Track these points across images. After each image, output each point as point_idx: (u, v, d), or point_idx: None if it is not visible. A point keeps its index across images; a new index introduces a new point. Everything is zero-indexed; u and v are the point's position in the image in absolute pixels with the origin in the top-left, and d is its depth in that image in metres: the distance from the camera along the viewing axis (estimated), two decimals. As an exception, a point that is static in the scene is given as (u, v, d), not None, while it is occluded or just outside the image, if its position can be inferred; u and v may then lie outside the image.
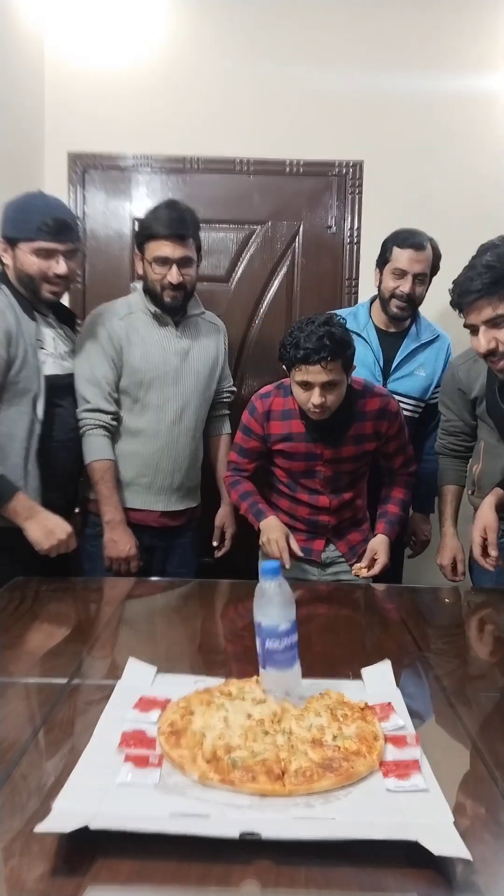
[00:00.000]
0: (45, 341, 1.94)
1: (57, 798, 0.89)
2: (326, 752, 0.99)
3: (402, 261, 2.31)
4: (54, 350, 1.97)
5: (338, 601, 1.85)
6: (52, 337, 1.98)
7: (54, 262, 1.82)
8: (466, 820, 0.88)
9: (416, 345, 2.43)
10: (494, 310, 1.61)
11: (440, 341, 2.47)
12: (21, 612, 1.65)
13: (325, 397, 1.82)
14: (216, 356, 2.31)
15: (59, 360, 1.99)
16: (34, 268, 1.82)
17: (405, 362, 2.42)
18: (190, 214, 2.09)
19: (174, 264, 2.05)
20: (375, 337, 2.42)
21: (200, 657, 1.44)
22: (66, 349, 2.04)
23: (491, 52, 3.03)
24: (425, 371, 2.43)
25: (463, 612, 1.89)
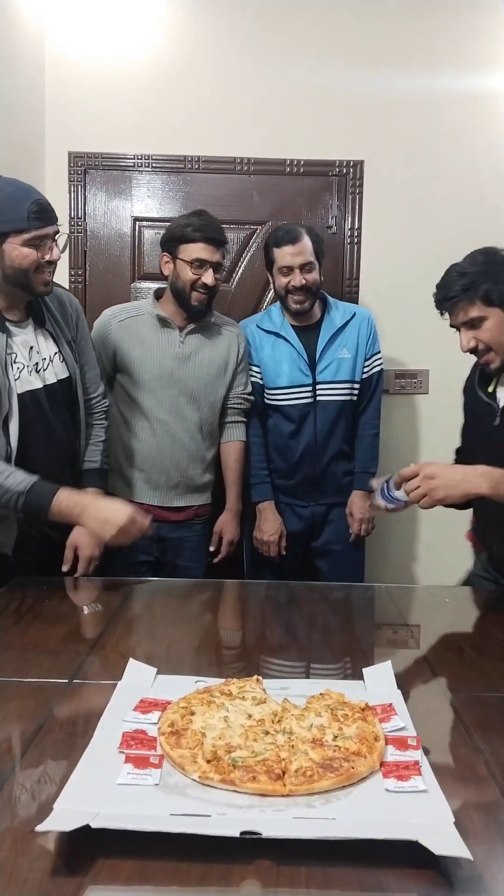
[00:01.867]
0: (19, 353, 1.74)
1: (57, 798, 0.89)
2: (327, 752, 0.99)
3: (284, 258, 2.37)
4: (28, 361, 1.75)
5: (338, 601, 1.85)
6: (31, 346, 1.78)
7: (47, 249, 1.66)
8: (467, 820, 0.88)
9: (333, 330, 2.51)
10: (467, 314, 1.68)
11: (356, 318, 2.55)
12: (21, 612, 1.65)
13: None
14: (225, 362, 2.36)
15: (38, 372, 1.78)
16: (28, 260, 1.64)
17: (327, 350, 2.50)
18: (220, 225, 2.25)
19: (211, 267, 2.18)
20: (294, 334, 2.50)
21: (200, 657, 1.44)
22: (51, 352, 1.83)
23: (491, 52, 3.03)
24: (349, 351, 2.52)
25: (463, 612, 1.89)
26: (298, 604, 1.79)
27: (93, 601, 1.77)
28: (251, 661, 1.41)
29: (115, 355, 2.27)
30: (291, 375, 2.48)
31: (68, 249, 3.05)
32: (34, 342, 1.79)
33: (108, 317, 2.32)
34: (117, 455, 2.29)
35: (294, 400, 2.49)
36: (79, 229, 3.06)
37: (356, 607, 1.81)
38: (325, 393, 2.50)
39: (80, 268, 3.06)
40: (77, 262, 3.06)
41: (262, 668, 1.33)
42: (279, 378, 2.49)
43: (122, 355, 2.26)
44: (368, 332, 2.56)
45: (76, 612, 1.72)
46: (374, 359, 2.58)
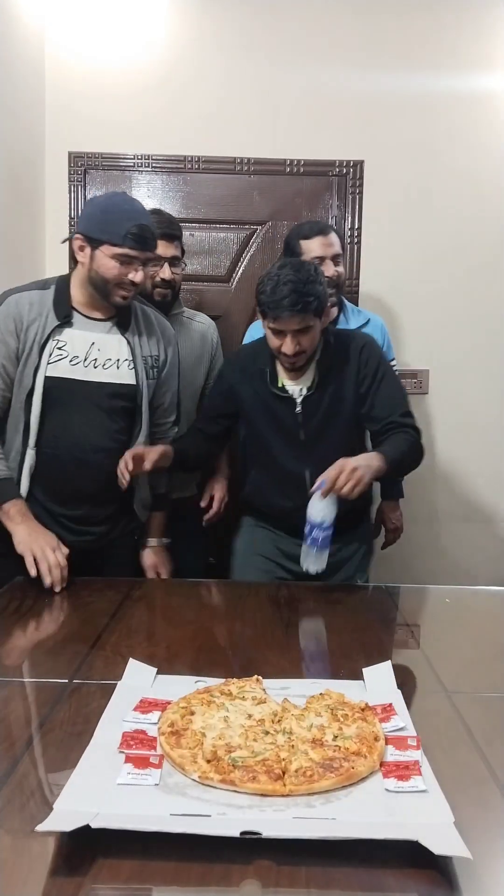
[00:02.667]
0: (71, 343, 1.83)
1: (58, 798, 0.89)
2: (327, 752, 0.99)
3: (315, 249, 2.30)
4: (81, 354, 1.84)
5: (338, 601, 1.85)
6: (93, 342, 1.86)
7: (133, 269, 1.78)
8: (467, 820, 0.88)
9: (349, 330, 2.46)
10: (300, 323, 1.81)
11: (372, 324, 2.50)
12: (21, 612, 1.65)
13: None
14: (201, 352, 2.42)
15: (94, 368, 1.85)
16: (112, 272, 1.78)
17: None
18: (174, 219, 2.29)
19: (166, 263, 2.20)
20: None
21: (200, 657, 1.44)
22: (118, 357, 1.89)
23: (491, 52, 3.03)
24: None
25: (463, 612, 1.89)
26: (298, 604, 1.79)
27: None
28: (251, 661, 1.41)
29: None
30: None
31: (68, 249, 3.04)
32: (100, 340, 1.87)
33: None
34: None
35: None
36: (79, 229, 3.06)
37: (356, 607, 1.81)
38: None
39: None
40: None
41: (262, 668, 1.33)
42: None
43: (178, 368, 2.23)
44: (383, 337, 2.50)
45: (76, 612, 1.72)
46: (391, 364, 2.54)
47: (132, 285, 1.80)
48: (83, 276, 1.84)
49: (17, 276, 2.35)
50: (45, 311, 1.82)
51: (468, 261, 3.09)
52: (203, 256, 3.09)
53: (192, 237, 3.08)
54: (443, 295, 3.09)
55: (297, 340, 1.84)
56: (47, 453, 1.85)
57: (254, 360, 2.02)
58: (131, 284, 1.80)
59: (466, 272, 3.10)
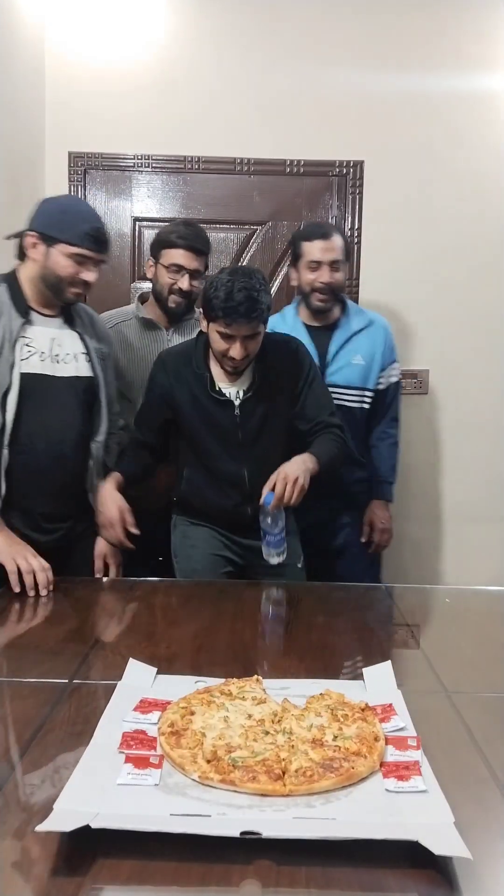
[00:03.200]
0: (36, 340, 1.86)
1: (58, 798, 0.89)
2: (327, 753, 0.99)
3: (314, 253, 2.32)
4: (46, 349, 1.88)
5: (338, 601, 1.85)
6: (53, 338, 1.90)
7: (87, 269, 1.83)
8: (467, 820, 0.88)
9: (348, 335, 2.43)
10: (251, 329, 1.87)
11: (374, 326, 2.48)
12: (21, 612, 1.65)
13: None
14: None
15: (57, 363, 1.90)
16: (67, 271, 1.82)
17: (339, 353, 2.42)
18: (205, 234, 2.31)
19: (187, 274, 2.24)
20: (305, 334, 2.39)
21: (200, 657, 1.44)
22: (75, 351, 1.94)
23: (491, 52, 3.03)
24: (364, 359, 2.44)
25: (463, 612, 1.89)
26: (298, 604, 1.79)
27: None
28: (251, 661, 1.41)
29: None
30: None
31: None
32: (57, 336, 1.91)
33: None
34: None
35: None
36: (79, 229, 3.06)
37: (356, 607, 1.81)
38: (333, 397, 2.36)
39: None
40: (77, 262, 3.06)
41: (262, 668, 1.33)
42: None
43: (115, 361, 2.25)
44: (385, 341, 2.49)
45: (76, 612, 1.72)
46: (390, 369, 2.51)
47: (84, 284, 1.85)
48: (34, 273, 1.85)
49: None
50: (5, 310, 1.83)
51: (468, 261, 3.09)
52: (203, 256, 3.08)
53: (192, 237, 3.08)
54: (443, 295, 3.09)
55: (245, 345, 1.89)
56: (22, 450, 1.84)
57: (186, 363, 2.03)
58: (83, 283, 1.84)
59: (466, 272, 3.09)
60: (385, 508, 2.54)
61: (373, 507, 2.54)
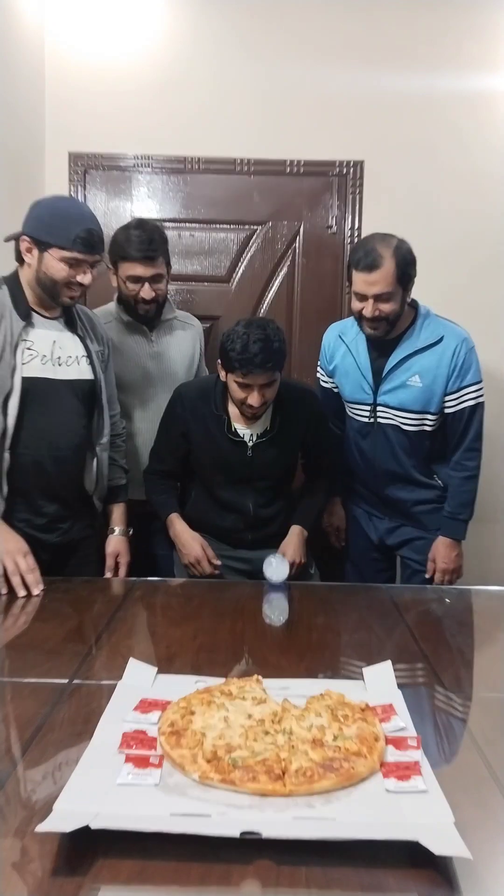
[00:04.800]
0: (37, 343, 1.85)
1: (58, 798, 0.89)
2: (327, 753, 0.99)
3: (359, 285, 2.11)
4: (47, 352, 1.87)
5: (339, 601, 1.85)
6: (54, 340, 1.89)
7: (81, 271, 1.81)
8: (467, 820, 0.88)
9: (409, 351, 2.20)
10: (268, 378, 1.97)
11: (443, 344, 2.20)
12: (21, 612, 1.65)
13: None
14: (192, 355, 2.46)
15: (58, 366, 1.89)
16: (61, 274, 1.79)
17: (394, 373, 2.21)
18: (158, 233, 2.26)
19: (146, 282, 2.23)
20: (364, 349, 2.27)
21: (200, 657, 1.44)
22: (76, 354, 1.93)
23: (491, 52, 3.03)
24: (423, 380, 2.18)
25: (464, 612, 1.89)
26: (298, 604, 1.79)
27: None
28: (251, 661, 1.41)
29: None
30: (353, 391, 2.30)
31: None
32: (58, 338, 1.90)
33: None
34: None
35: (356, 415, 2.33)
36: (79, 229, 3.05)
37: (356, 607, 1.81)
38: (386, 417, 2.25)
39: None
40: (77, 263, 3.05)
41: (262, 668, 1.33)
42: (345, 389, 2.35)
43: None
44: (455, 360, 2.19)
45: (76, 612, 1.72)
46: (462, 392, 2.21)
47: (80, 286, 1.84)
48: (31, 276, 1.84)
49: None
50: (7, 312, 1.82)
51: (469, 261, 3.08)
52: (203, 257, 3.09)
53: (193, 237, 3.08)
54: (443, 295, 3.07)
55: (262, 393, 1.98)
56: (24, 454, 1.84)
57: (205, 401, 2.13)
58: (79, 286, 1.83)
59: (467, 272, 3.09)
60: (451, 547, 2.27)
61: (437, 544, 2.29)
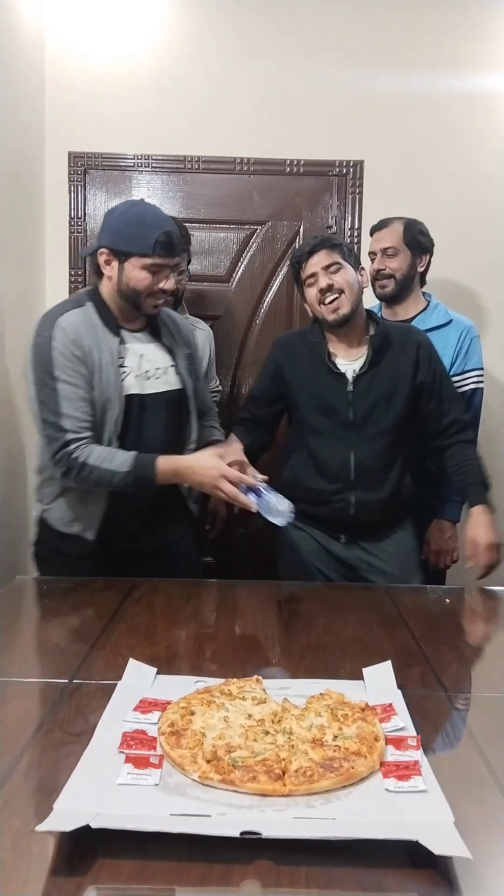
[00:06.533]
0: (128, 358, 1.82)
1: (58, 798, 0.89)
2: (327, 752, 0.99)
3: (371, 245, 2.44)
4: (137, 368, 1.83)
5: (339, 601, 1.85)
6: (142, 354, 1.85)
7: (164, 277, 1.76)
8: (467, 820, 0.88)
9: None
10: (328, 258, 1.93)
11: (451, 327, 2.39)
12: (21, 612, 1.65)
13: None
14: (201, 359, 2.35)
15: (147, 380, 1.85)
16: (143, 283, 1.74)
17: None
18: (184, 232, 2.23)
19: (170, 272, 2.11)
20: None
21: (200, 657, 1.44)
22: (164, 365, 1.89)
23: (491, 52, 3.03)
24: None
25: (464, 612, 1.89)
26: (298, 604, 1.79)
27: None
28: (251, 661, 1.41)
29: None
30: None
31: (68, 250, 3.05)
32: (145, 351, 1.86)
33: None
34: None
35: None
36: (79, 229, 3.06)
37: (356, 607, 1.81)
38: None
39: (79, 268, 3.06)
40: (77, 263, 3.06)
41: (262, 668, 1.33)
42: None
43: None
44: (460, 344, 2.37)
45: (76, 612, 1.72)
46: (465, 376, 2.38)
47: (163, 293, 1.79)
48: (112, 289, 1.79)
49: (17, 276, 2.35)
50: (98, 331, 1.78)
51: (468, 261, 3.08)
52: (203, 256, 3.09)
53: (192, 237, 3.08)
54: (443, 295, 3.08)
55: (329, 276, 1.91)
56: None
57: (302, 340, 2.05)
58: (162, 293, 1.78)
59: (466, 272, 3.09)
60: (445, 529, 2.37)
61: (432, 526, 2.37)
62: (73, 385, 1.72)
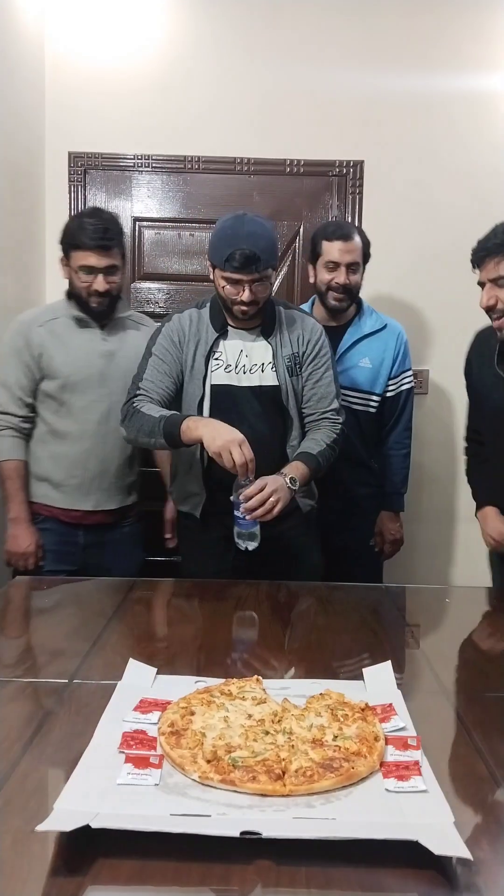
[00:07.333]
0: (226, 353, 1.98)
1: (58, 798, 0.89)
2: (327, 752, 0.99)
3: (333, 253, 2.32)
4: (233, 361, 1.98)
5: (338, 601, 1.85)
6: (241, 349, 1.99)
7: (241, 289, 1.87)
8: (467, 820, 0.88)
9: (358, 335, 2.42)
10: (497, 269, 1.83)
11: (388, 330, 2.46)
12: (21, 612, 1.65)
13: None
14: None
15: (244, 373, 1.98)
16: (224, 291, 1.91)
17: (347, 355, 2.40)
18: (114, 223, 2.18)
19: (100, 273, 2.13)
20: None
21: (200, 657, 1.44)
22: (263, 361, 1.99)
23: (491, 52, 3.03)
24: (371, 362, 2.42)
25: (463, 612, 1.89)
26: (298, 604, 1.79)
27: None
28: (251, 661, 1.41)
29: (41, 359, 2.19)
30: None
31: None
32: (247, 347, 1.99)
33: (26, 322, 2.24)
34: (47, 466, 2.24)
35: None
36: (79, 229, 3.05)
37: (356, 607, 1.81)
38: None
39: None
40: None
41: (262, 668, 1.33)
42: None
43: (49, 360, 2.19)
44: (397, 347, 2.46)
45: (76, 612, 1.72)
46: (402, 376, 2.49)
47: (242, 303, 1.90)
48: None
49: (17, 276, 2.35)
50: (204, 327, 1.98)
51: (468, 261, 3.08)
52: (203, 256, 3.07)
53: (192, 237, 3.08)
54: (443, 295, 3.09)
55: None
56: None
57: (487, 341, 2.04)
58: (241, 302, 1.90)
59: (466, 272, 3.07)
60: (395, 519, 2.55)
61: (383, 518, 2.54)
62: (161, 360, 1.96)
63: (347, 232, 2.34)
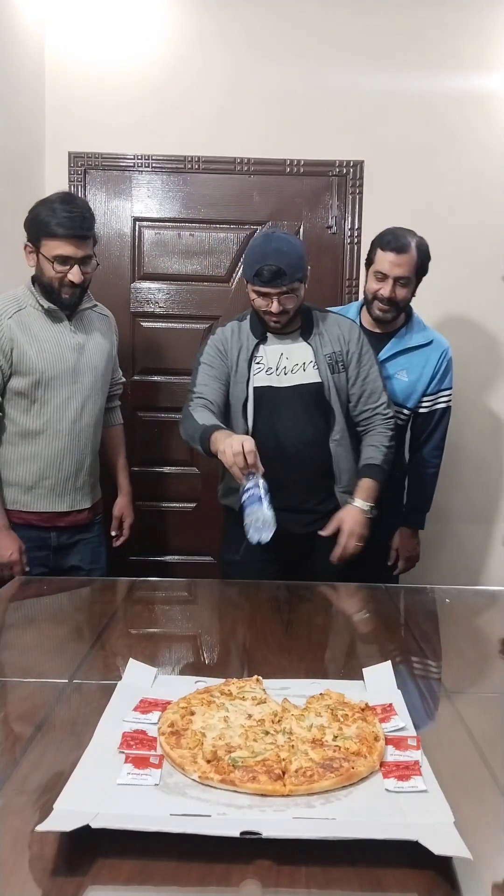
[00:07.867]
0: (266, 357, 2.10)
1: (58, 798, 0.89)
2: (327, 752, 0.99)
3: (384, 264, 2.24)
4: (274, 364, 2.09)
5: (339, 601, 1.85)
6: (282, 352, 2.10)
7: (270, 300, 1.99)
8: (467, 820, 0.88)
9: (401, 347, 2.35)
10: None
11: (433, 347, 2.38)
12: (21, 612, 1.65)
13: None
14: (110, 348, 2.29)
15: (285, 374, 2.09)
16: (255, 303, 2.04)
17: (385, 364, 2.32)
18: (89, 211, 2.09)
19: (76, 264, 2.03)
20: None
21: (200, 657, 1.44)
22: (303, 361, 2.10)
23: (491, 52, 3.02)
24: (409, 376, 2.35)
25: (464, 612, 1.89)
26: (298, 604, 1.79)
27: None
28: (251, 661, 1.41)
29: (11, 354, 2.06)
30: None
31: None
32: (286, 350, 2.11)
33: None
34: (18, 469, 2.13)
35: None
36: (79, 229, 3.05)
37: (356, 607, 1.81)
38: None
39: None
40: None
41: (262, 668, 1.33)
42: None
43: (20, 355, 2.06)
44: (438, 364, 2.37)
45: (76, 612, 1.72)
46: (439, 394, 2.40)
47: (272, 314, 2.02)
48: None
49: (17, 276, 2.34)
50: (245, 335, 2.12)
51: (468, 261, 3.08)
52: (203, 256, 3.09)
53: (192, 237, 3.08)
54: (443, 295, 3.09)
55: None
56: (260, 452, 1.79)
57: None
58: (271, 313, 2.02)
59: (467, 272, 3.09)
60: (414, 536, 2.50)
61: (401, 534, 2.46)
62: (210, 366, 2.10)
63: (403, 244, 2.25)
